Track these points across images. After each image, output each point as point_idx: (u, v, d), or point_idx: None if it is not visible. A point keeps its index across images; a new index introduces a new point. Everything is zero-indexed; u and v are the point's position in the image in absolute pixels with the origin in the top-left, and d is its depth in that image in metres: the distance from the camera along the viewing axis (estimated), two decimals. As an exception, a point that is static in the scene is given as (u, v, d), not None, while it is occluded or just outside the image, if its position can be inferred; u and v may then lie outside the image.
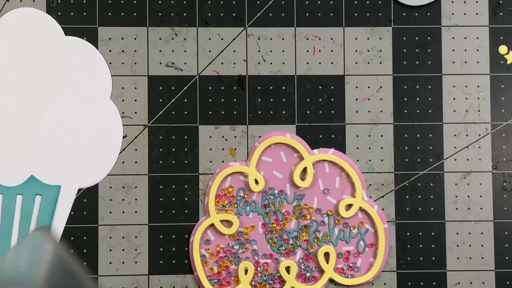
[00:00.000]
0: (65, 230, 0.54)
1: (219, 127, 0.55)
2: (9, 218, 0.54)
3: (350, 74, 0.56)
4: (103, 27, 0.55)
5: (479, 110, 0.56)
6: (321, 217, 0.55)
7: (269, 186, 0.55)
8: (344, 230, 0.55)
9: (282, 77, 0.56)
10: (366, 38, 0.56)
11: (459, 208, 0.55)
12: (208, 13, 0.56)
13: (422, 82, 0.56)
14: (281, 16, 0.56)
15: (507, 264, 0.55)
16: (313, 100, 0.55)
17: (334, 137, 0.55)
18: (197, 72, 0.55)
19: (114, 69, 0.55)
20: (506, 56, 0.56)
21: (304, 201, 0.55)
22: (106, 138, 0.55)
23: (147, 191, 0.55)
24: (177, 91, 0.55)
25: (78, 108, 0.55)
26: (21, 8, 0.55)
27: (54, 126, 0.55)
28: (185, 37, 0.56)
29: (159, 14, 0.55)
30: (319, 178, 0.55)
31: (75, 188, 0.55)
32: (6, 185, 0.54)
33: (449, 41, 0.56)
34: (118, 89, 0.55)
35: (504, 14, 0.56)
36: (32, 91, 0.55)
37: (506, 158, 0.55)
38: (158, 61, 0.55)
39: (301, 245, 0.54)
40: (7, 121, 0.54)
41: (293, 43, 0.56)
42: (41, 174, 0.54)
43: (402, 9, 0.56)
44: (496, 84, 0.56)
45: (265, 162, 0.55)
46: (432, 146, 0.55)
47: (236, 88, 0.55)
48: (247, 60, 0.56)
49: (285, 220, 0.54)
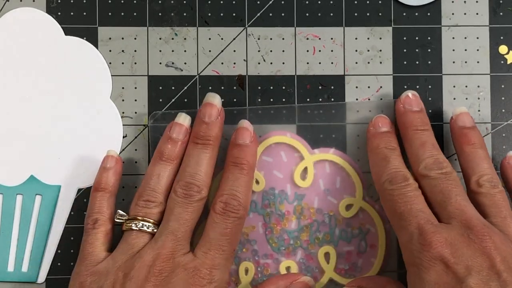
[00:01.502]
0: (65, 230, 0.54)
1: (220, 127, 0.55)
2: (9, 218, 0.54)
3: (350, 74, 0.56)
4: (103, 27, 0.55)
5: (479, 110, 0.56)
6: (322, 217, 0.54)
7: (269, 186, 0.55)
8: (344, 230, 0.55)
9: (282, 77, 0.55)
10: (366, 38, 0.56)
11: (460, 208, 0.55)
12: (208, 13, 0.56)
13: (422, 82, 0.56)
14: (281, 16, 0.56)
15: (508, 264, 0.55)
16: (313, 100, 0.55)
17: (334, 137, 0.55)
18: (197, 72, 0.55)
19: (114, 69, 0.55)
20: (506, 56, 0.56)
21: (305, 201, 0.55)
22: (106, 138, 0.55)
23: (147, 191, 0.55)
24: (177, 91, 0.55)
25: (78, 108, 0.55)
26: (21, 8, 0.55)
27: (54, 126, 0.54)
28: (185, 37, 0.56)
29: (159, 14, 0.55)
30: (320, 178, 0.55)
31: (75, 188, 0.55)
32: (6, 185, 0.54)
33: (449, 41, 0.56)
34: (118, 89, 0.55)
35: (504, 14, 0.56)
36: (32, 91, 0.55)
37: (506, 158, 0.55)
38: (158, 61, 0.55)
39: (302, 245, 0.54)
40: (7, 121, 0.54)
41: (293, 43, 0.56)
42: (41, 174, 0.54)
43: (402, 9, 0.56)
44: (496, 84, 0.56)
45: (265, 162, 0.55)
46: (433, 146, 0.55)
47: (236, 88, 0.55)
48: (247, 60, 0.56)
49: (285, 220, 0.54)
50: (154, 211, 0.50)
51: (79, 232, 0.54)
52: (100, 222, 0.50)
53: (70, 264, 0.54)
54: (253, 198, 0.55)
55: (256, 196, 0.55)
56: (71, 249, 0.54)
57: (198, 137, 0.51)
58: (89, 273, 0.49)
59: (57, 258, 0.54)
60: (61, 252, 0.54)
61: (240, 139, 0.51)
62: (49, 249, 0.54)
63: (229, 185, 0.50)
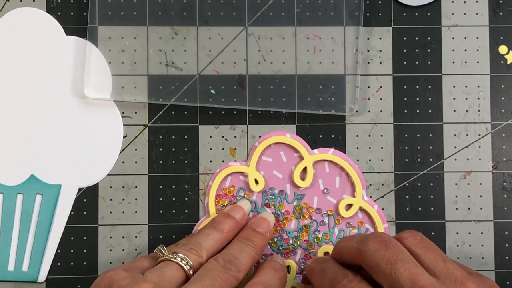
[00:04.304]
0: (65, 230, 0.55)
1: (219, 127, 0.55)
2: (10, 217, 0.54)
3: (351, 74, 0.56)
4: (103, 27, 0.55)
5: (479, 110, 0.55)
6: (321, 217, 0.55)
7: (269, 186, 0.55)
8: (343, 230, 0.55)
9: (283, 76, 0.55)
10: (366, 38, 0.56)
11: (459, 208, 0.55)
12: (208, 12, 0.56)
13: (422, 82, 0.55)
14: (282, 15, 0.56)
15: (507, 264, 0.55)
16: (314, 99, 0.55)
17: (334, 137, 0.55)
18: (197, 72, 0.55)
19: (114, 68, 0.55)
20: (506, 56, 0.56)
21: (304, 201, 0.55)
22: (106, 138, 0.55)
23: (147, 191, 0.55)
24: (177, 91, 0.55)
25: (78, 108, 0.55)
26: (21, 8, 0.55)
27: (54, 126, 0.55)
28: (185, 37, 0.56)
29: (159, 13, 0.55)
30: (319, 178, 0.55)
31: (76, 187, 0.55)
32: (6, 185, 0.54)
33: (449, 41, 0.56)
34: (118, 89, 0.55)
35: (504, 14, 0.56)
36: (32, 91, 0.55)
37: (506, 158, 0.55)
38: (158, 60, 0.55)
39: (301, 245, 0.54)
40: (7, 121, 0.54)
41: (293, 42, 0.56)
42: (42, 174, 0.54)
43: (402, 9, 0.56)
44: (496, 84, 0.56)
45: (265, 162, 0.55)
46: (432, 146, 0.55)
47: (236, 87, 0.55)
48: (247, 60, 0.56)
49: (285, 220, 0.55)
50: (194, 257, 0.48)
51: (79, 232, 0.54)
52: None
53: (70, 264, 0.54)
54: (253, 198, 0.55)
55: (256, 196, 0.55)
56: (71, 249, 0.55)
57: (247, 238, 0.51)
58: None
59: (57, 258, 0.55)
60: (61, 251, 0.55)
61: (258, 227, 0.52)
62: (50, 249, 0.54)
63: (233, 251, 0.50)
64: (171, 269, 0.47)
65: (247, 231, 0.52)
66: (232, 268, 0.48)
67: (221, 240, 0.51)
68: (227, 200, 0.55)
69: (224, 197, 0.55)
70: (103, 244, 0.55)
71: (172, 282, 0.46)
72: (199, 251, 0.49)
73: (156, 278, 0.45)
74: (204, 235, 0.50)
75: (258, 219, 0.53)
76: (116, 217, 0.55)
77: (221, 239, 0.51)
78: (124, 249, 0.55)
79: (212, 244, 0.50)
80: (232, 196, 0.55)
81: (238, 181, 0.55)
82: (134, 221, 0.55)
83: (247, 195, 0.55)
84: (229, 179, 0.55)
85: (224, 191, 0.55)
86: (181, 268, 0.47)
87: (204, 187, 0.55)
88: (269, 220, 0.53)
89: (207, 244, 0.50)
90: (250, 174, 0.54)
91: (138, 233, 0.55)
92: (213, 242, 0.50)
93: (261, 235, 0.52)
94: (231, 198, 0.55)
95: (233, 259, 0.49)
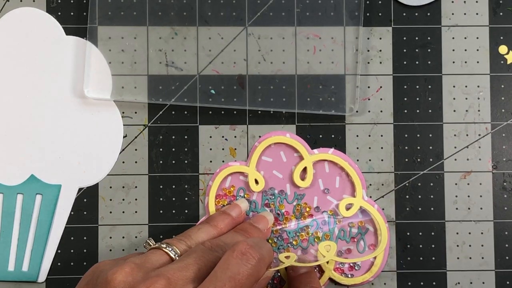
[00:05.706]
0: (65, 230, 0.55)
1: (219, 127, 0.55)
2: (9, 217, 0.54)
3: (351, 74, 0.56)
4: (103, 27, 0.55)
5: (479, 110, 0.56)
6: (321, 216, 0.55)
7: (269, 186, 0.55)
8: (344, 230, 0.55)
9: (283, 76, 0.55)
10: (366, 38, 0.56)
11: (459, 208, 0.55)
12: (208, 12, 0.56)
13: (422, 82, 0.55)
14: (282, 15, 0.56)
15: (507, 264, 0.55)
16: (314, 99, 0.55)
17: (334, 137, 0.55)
18: (197, 72, 0.55)
19: (114, 68, 0.55)
20: (506, 56, 0.56)
21: (304, 201, 0.55)
22: (106, 138, 0.55)
23: (147, 191, 0.55)
24: (177, 91, 0.55)
25: (78, 108, 0.55)
26: (21, 8, 0.55)
27: (54, 126, 0.55)
28: (185, 36, 0.56)
29: (159, 13, 0.55)
30: (319, 178, 0.55)
31: (76, 187, 0.55)
32: (6, 185, 0.54)
33: (449, 41, 0.56)
34: (118, 89, 0.55)
35: (504, 14, 0.56)
36: (32, 91, 0.55)
37: (506, 158, 0.55)
38: (158, 60, 0.55)
39: (301, 244, 0.54)
40: (7, 121, 0.55)
41: (293, 42, 0.56)
42: (42, 174, 0.55)
43: (402, 9, 0.56)
44: (496, 84, 0.56)
45: (265, 162, 0.55)
46: (432, 146, 0.55)
47: (236, 87, 0.55)
48: (247, 60, 0.56)
49: (285, 220, 0.55)
50: (181, 246, 0.48)
51: (79, 232, 0.55)
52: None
53: (70, 264, 0.54)
54: (253, 198, 0.55)
55: (256, 196, 0.55)
56: (71, 249, 0.55)
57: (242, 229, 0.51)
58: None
59: (57, 258, 0.55)
60: (61, 251, 0.55)
61: (256, 223, 0.52)
62: (50, 249, 0.54)
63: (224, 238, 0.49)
64: (156, 254, 0.46)
65: (245, 224, 0.52)
66: (219, 250, 0.47)
67: (214, 235, 0.50)
68: (227, 200, 0.55)
69: (224, 197, 0.55)
70: (103, 244, 0.55)
71: (156, 264, 0.45)
72: (188, 241, 0.49)
73: (138, 260, 0.45)
74: (196, 228, 0.50)
75: (257, 216, 0.53)
76: (116, 217, 0.55)
77: (214, 233, 0.50)
78: (124, 249, 0.55)
79: (203, 236, 0.50)
80: (232, 196, 0.55)
81: (238, 181, 0.55)
82: (134, 221, 0.55)
83: (247, 195, 0.55)
84: (229, 179, 0.55)
85: (224, 191, 0.55)
86: (166, 254, 0.47)
87: (204, 187, 0.55)
88: (268, 219, 0.53)
89: (198, 236, 0.50)
90: (250, 174, 0.54)
91: (138, 233, 0.55)
92: (204, 234, 0.50)
93: (258, 230, 0.52)
94: (231, 198, 0.55)
95: (222, 243, 0.48)
